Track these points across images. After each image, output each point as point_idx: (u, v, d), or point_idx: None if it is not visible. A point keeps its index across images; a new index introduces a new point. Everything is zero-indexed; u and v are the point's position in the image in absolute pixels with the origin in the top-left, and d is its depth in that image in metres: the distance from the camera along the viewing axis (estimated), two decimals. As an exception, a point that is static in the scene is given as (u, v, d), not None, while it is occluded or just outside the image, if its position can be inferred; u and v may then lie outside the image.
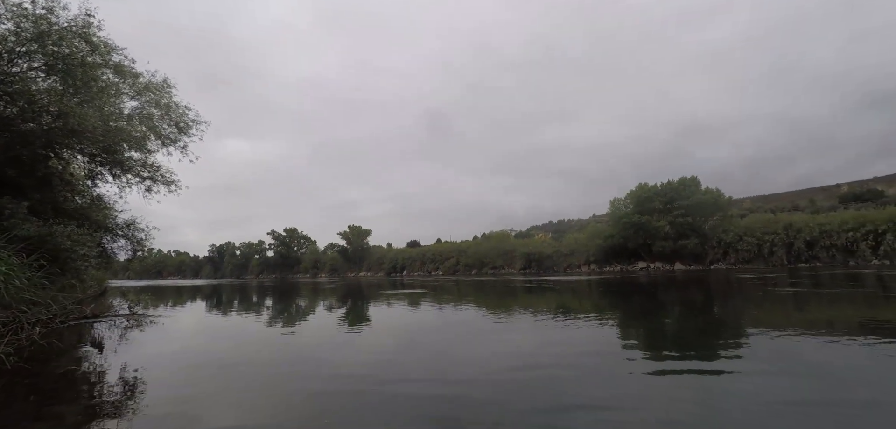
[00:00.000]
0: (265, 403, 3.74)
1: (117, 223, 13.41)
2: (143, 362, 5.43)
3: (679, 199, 48.66)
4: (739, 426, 2.97)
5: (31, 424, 3.26)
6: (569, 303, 12.70)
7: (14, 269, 5.14)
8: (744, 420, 3.08)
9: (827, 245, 41.68)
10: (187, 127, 12.69)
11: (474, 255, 66.73)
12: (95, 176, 13.47)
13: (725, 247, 47.85)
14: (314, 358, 5.69)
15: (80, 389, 4.36)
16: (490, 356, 5.43)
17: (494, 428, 2.97)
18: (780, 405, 3.35)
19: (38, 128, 10.10)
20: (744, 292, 14.41)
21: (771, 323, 7.48)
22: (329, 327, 8.99)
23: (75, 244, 8.42)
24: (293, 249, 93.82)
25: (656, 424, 3.04)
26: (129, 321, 9.67)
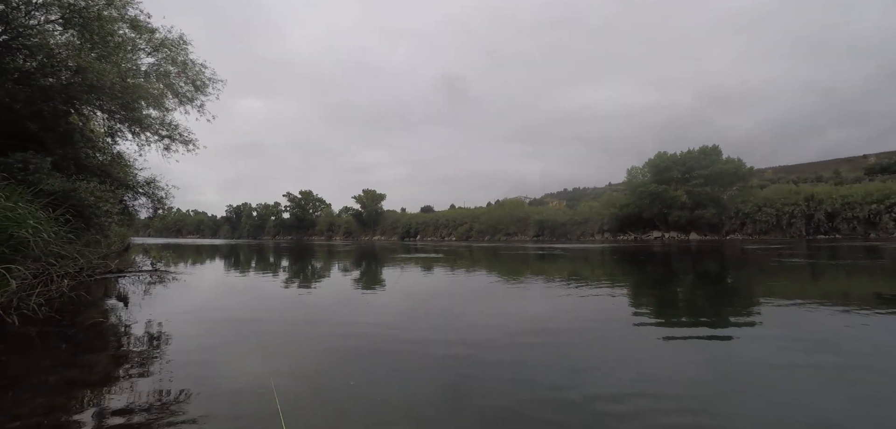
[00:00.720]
0: (284, 358, 3.86)
1: (138, 181, 13.65)
2: (166, 317, 5.62)
3: (698, 168, 47.53)
4: (746, 388, 2.97)
5: (64, 370, 3.41)
6: (581, 270, 12.68)
7: (42, 222, 5.29)
8: (751, 383, 3.09)
9: (848, 217, 40.47)
10: (204, 85, 12.66)
11: (487, 221, 66.75)
12: (115, 133, 13.65)
13: (743, 217, 46.90)
14: (330, 316, 5.81)
15: (108, 339, 4.54)
16: (501, 320, 5.48)
17: (505, 387, 3.01)
18: (787, 370, 3.34)
19: (57, 83, 10.20)
20: (759, 263, 14.19)
21: (784, 293, 7.37)
22: (344, 288, 9.16)
23: (99, 200, 8.61)
24: (308, 212, 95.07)
25: (665, 384, 3.05)
26: (152, 277, 10.00)
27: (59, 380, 3.20)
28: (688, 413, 2.66)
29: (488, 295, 7.83)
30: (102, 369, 3.49)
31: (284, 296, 8.02)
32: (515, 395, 2.91)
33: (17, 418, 2.53)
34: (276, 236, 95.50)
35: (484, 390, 3.00)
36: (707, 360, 3.77)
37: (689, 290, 8.60)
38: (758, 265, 13.59)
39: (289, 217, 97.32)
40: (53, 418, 2.56)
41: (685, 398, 2.91)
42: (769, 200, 45.73)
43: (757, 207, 45.92)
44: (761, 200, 46.12)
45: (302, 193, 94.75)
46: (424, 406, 2.75)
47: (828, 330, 4.65)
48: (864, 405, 2.77)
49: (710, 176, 46.86)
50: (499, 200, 75.18)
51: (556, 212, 63.23)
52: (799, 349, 3.93)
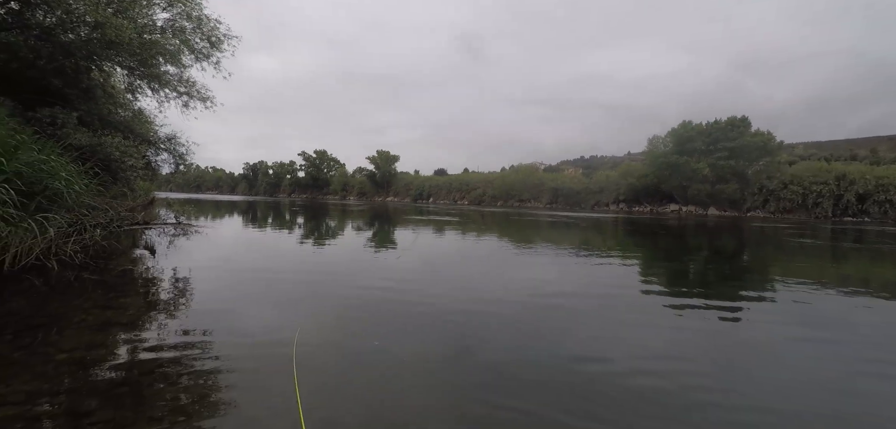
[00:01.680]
0: (301, 308, 4.10)
1: (159, 137, 13.98)
2: (190, 266, 5.93)
3: (724, 140, 46.00)
4: (744, 363, 3.06)
5: (101, 311, 3.71)
6: (592, 240, 12.72)
7: (73, 175, 5.57)
8: (748, 364, 3.16)
9: (880, 200, 38.84)
10: (219, 41, 12.66)
11: (501, 186, 66.45)
12: (135, 89, 13.87)
13: (767, 194, 45.55)
14: (345, 273, 6.05)
15: (139, 285, 4.85)
16: (510, 285, 5.63)
17: (511, 348, 3.17)
18: (787, 354, 3.40)
19: (77, 39, 10.37)
20: (777, 242, 13.98)
21: (800, 275, 7.31)
22: (358, 247, 9.42)
23: (124, 155, 8.94)
24: (323, 171, 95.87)
25: (663, 354, 3.17)
26: (176, 229, 10.43)
27: (97, 320, 3.48)
28: (684, 383, 2.79)
29: (499, 260, 7.98)
30: (135, 312, 3.78)
31: (301, 252, 8.31)
32: (520, 355, 3.08)
33: (63, 351, 2.80)
34: (292, 194, 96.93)
35: (490, 349, 3.17)
36: (709, 334, 3.87)
37: (702, 265, 8.60)
38: (777, 244, 13.41)
39: (304, 176, 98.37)
40: (95, 352, 2.82)
41: (682, 372, 3.03)
42: (797, 177, 44.13)
43: (783, 183, 44.45)
44: (788, 177, 44.56)
45: (316, 153, 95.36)
46: (433, 362, 2.93)
47: (837, 318, 4.65)
48: (870, 390, 2.86)
49: (736, 149, 45.38)
50: (513, 166, 74.51)
51: (572, 180, 62.53)
52: (800, 335, 3.98)
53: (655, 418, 2.27)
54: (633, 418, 2.26)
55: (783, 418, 2.31)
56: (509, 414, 2.23)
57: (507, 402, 2.35)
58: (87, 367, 2.61)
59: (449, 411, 2.26)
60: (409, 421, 2.16)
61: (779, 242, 13.91)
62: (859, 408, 2.47)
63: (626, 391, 2.57)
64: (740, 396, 2.58)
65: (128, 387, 2.38)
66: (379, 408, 2.28)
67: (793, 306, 4.91)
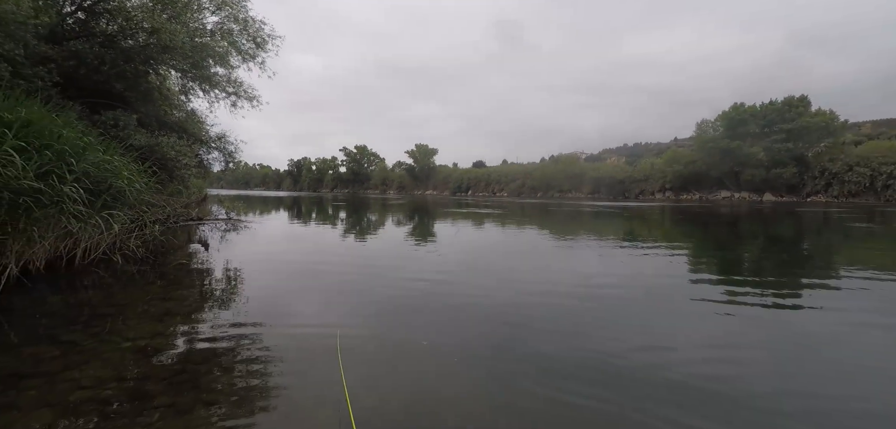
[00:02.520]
0: (344, 300, 4.17)
1: (210, 136, 14.72)
2: (241, 260, 6.20)
3: (781, 122, 42.99)
4: (802, 358, 2.79)
5: (161, 302, 3.93)
6: (638, 230, 12.20)
7: (134, 174, 5.95)
8: (807, 353, 2.90)
9: (961, 180, 35.05)
10: (264, 42, 13.14)
11: (541, 177, 65.30)
12: (188, 91, 14.68)
13: (830, 177, 42.11)
14: (386, 266, 6.12)
15: (194, 278, 5.11)
16: (554, 276, 5.49)
17: (555, 340, 3.06)
18: (850, 343, 3.09)
19: (136, 44, 11.09)
20: (841, 228, 12.84)
21: (870, 263, 6.65)
22: (398, 241, 9.51)
23: (179, 154, 9.47)
24: (363, 166, 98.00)
25: (706, 361, 2.93)
26: (227, 225, 10.97)
27: (157, 310, 3.69)
28: (741, 373, 2.59)
29: (541, 252, 7.81)
30: (191, 303, 3.98)
31: (344, 246, 8.50)
32: (566, 347, 2.97)
33: (128, 339, 2.98)
34: (334, 190, 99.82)
35: (536, 341, 3.08)
36: (765, 324, 3.62)
37: (756, 253, 8.04)
38: (841, 231, 12.33)
39: (345, 171, 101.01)
40: (156, 341, 2.98)
41: (738, 362, 2.82)
42: (863, 157, 40.49)
43: (847, 165, 40.94)
44: (854, 159, 40.98)
45: (357, 148, 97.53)
46: (478, 354, 2.88)
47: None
48: (952, 382, 2.55)
49: (794, 131, 42.29)
50: (553, 156, 73.03)
51: (614, 169, 60.46)
52: (876, 332, 3.61)
53: (714, 407, 2.12)
54: (690, 409, 2.12)
55: (846, 406, 2.11)
56: (557, 408, 2.14)
57: (554, 395, 2.26)
58: (150, 354, 2.76)
59: (495, 403, 2.21)
60: (455, 411, 2.12)
61: (843, 228, 12.77)
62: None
63: (680, 383, 2.42)
64: (799, 385, 2.41)
65: (187, 374, 2.49)
66: (424, 398, 2.26)
67: (857, 294, 4.52)
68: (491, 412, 2.14)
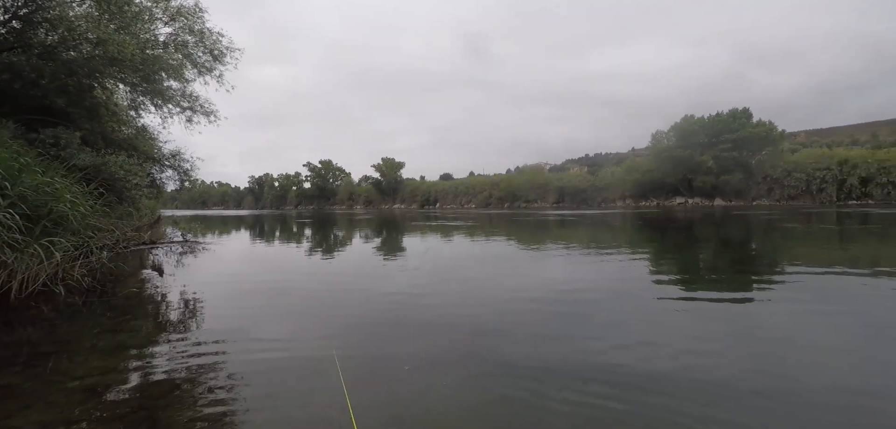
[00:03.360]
0: (311, 324, 3.99)
1: (163, 154, 13.98)
2: (199, 285, 5.85)
3: (727, 132, 45.92)
4: (768, 357, 2.94)
5: (112, 335, 3.62)
6: (601, 237, 12.57)
7: (78, 196, 5.51)
8: (772, 351, 3.07)
9: (883, 182, 38.70)
10: (221, 54, 12.66)
11: (507, 188, 66.39)
12: (138, 106, 13.90)
13: (771, 183, 45.40)
14: (353, 285, 5.95)
15: (147, 307, 4.76)
16: (520, 286, 5.51)
17: (522, 352, 3.05)
18: (810, 337, 3.31)
19: (79, 56, 10.37)
20: (785, 229, 13.81)
21: (811, 259, 7.26)
22: (366, 257, 9.32)
23: (128, 173, 8.90)
24: (329, 181, 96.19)
25: (683, 352, 3.03)
26: (183, 248, 10.37)
27: (108, 344, 3.39)
28: (704, 370, 2.66)
29: (507, 263, 7.87)
30: (146, 334, 3.69)
31: (310, 265, 8.23)
32: (539, 352, 2.96)
33: (75, 379, 2.71)
34: (298, 206, 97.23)
35: (507, 347, 3.06)
36: (726, 318, 3.85)
37: (712, 256, 8.46)
38: (784, 231, 13.23)
39: (310, 187, 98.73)
40: (108, 378, 2.73)
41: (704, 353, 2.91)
42: (799, 164, 44.02)
43: (786, 172, 44.33)
44: (791, 165, 44.45)
45: (322, 163, 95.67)
46: (452, 365, 2.82)
47: (854, 299, 4.52)
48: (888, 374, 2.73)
49: (739, 140, 45.26)
50: (519, 167, 74.50)
51: (577, 178, 62.37)
52: (820, 319, 3.87)
53: (689, 395, 2.25)
54: (668, 398, 2.23)
55: (804, 383, 2.30)
56: (531, 412, 2.11)
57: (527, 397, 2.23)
58: (101, 393, 2.51)
59: (473, 411, 2.15)
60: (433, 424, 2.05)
61: (783, 229, 13.75)
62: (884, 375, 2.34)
63: (655, 375, 2.55)
64: (764, 371, 2.61)
65: (145, 411, 2.28)
66: (402, 415, 2.17)
67: (798, 287, 4.94)
68: (468, 421, 2.08)
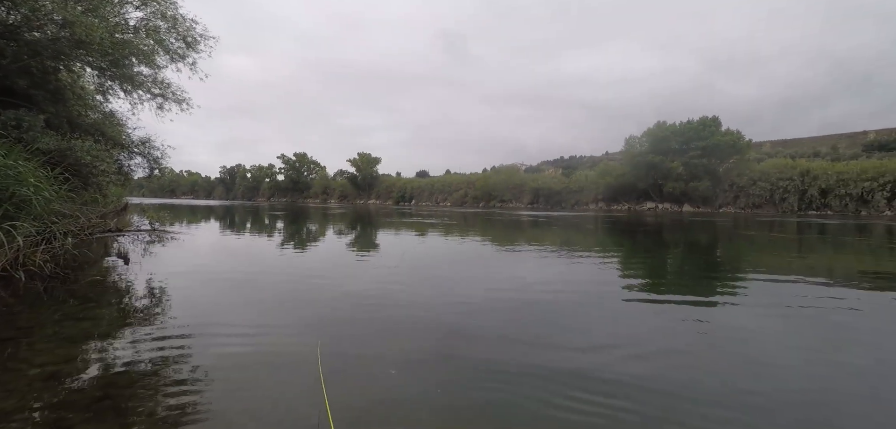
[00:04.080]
0: (280, 316, 4.04)
1: (132, 140, 13.54)
2: (165, 274, 5.78)
3: (697, 139, 47.52)
4: (730, 357, 3.17)
5: (75, 323, 3.58)
6: (573, 239, 12.93)
7: (41, 181, 5.35)
8: (728, 344, 3.31)
9: (841, 194, 40.98)
10: (195, 42, 12.37)
11: (483, 188, 66.81)
12: (106, 91, 13.43)
13: (737, 191, 47.34)
14: (325, 278, 5.99)
15: (112, 295, 4.69)
16: (492, 285, 5.68)
17: (493, 351, 3.21)
18: (769, 339, 3.56)
19: (44, 37, 9.95)
20: (748, 236, 14.51)
21: (771, 267, 7.67)
22: (339, 251, 9.33)
23: (95, 159, 8.62)
24: (303, 174, 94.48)
25: (641, 340, 3.25)
26: (150, 236, 10.12)
27: (70, 332, 3.36)
28: (664, 367, 2.88)
29: (480, 262, 8.04)
30: (110, 322, 3.66)
31: (280, 258, 8.19)
32: (509, 350, 3.12)
33: (35, 366, 2.70)
34: (271, 198, 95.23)
35: (478, 347, 3.20)
36: (691, 324, 4.02)
37: (679, 260, 8.86)
38: (748, 239, 13.91)
39: (283, 179, 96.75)
40: (71, 366, 2.73)
41: (662, 353, 3.13)
42: (764, 173, 46.00)
43: (751, 180, 46.26)
44: (757, 174, 46.40)
45: (296, 156, 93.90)
46: (421, 362, 2.94)
47: (808, 305, 4.87)
48: (840, 373, 3.00)
49: (708, 148, 46.91)
50: (494, 167, 75.05)
51: (552, 180, 63.32)
52: (779, 323, 4.16)
53: (645, 401, 2.35)
54: (624, 401, 2.33)
55: (769, 383, 2.44)
56: (497, 409, 2.26)
57: (495, 396, 2.38)
58: (63, 380, 2.52)
59: (439, 409, 2.28)
60: (401, 421, 2.17)
61: (749, 236, 14.44)
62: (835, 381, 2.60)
63: (613, 377, 2.65)
64: (725, 374, 2.73)
65: (109, 400, 2.31)
66: (373, 411, 2.28)
67: (761, 292, 5.20)
68: (435, 418, 2.21)
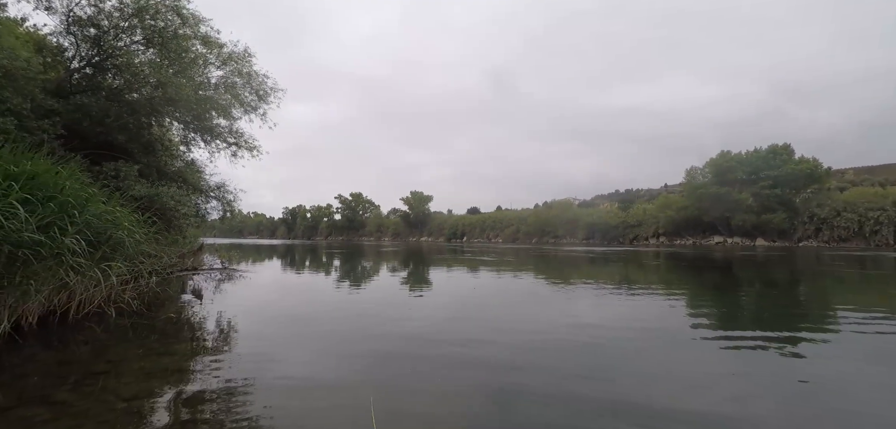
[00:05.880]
0: (336, 353, 4.11)
1: (209, 185, 14.81)
2: (234, 311, 6.12)
3: (766, 169, 44.17)
4: (817, 419, 2.76)
5: (157, 358, 3.86)
6: (634, 275, 12.23)
7: (134, 225, 5.97)
8: (823, 412, 2.87)
9: (949, 224, 35.92)
10: (266, 95, 13.54)
11: (535, 223, 65.76)
12: (189, 142, 14.92)
13: (819, 223, 42.89)
14: (379, 316, 6.05)
15: (187, 331, 5.03)
16: (545, 328, 5.43)
17: (550, 399, 3.03)
18: (867, 398, 3.07)
19: (141, 98, 11.36)
20: (837, 272, 12.96)
21: (868, 307, 6.75)
22: (393, 289, 9.45)
23: (178, 204, 9.53)
24: (358, 213, 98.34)
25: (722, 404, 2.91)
26: (221, 274, 10.87)
27: (153, 366, 3.62)
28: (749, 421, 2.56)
29: (534, 300, 7.78)
30: (187, 357, 3.91)
31: (336, 295, 8.42)
32: (562, 405, 2.93)
33: (123, 400, 2.91)
34: (329, 237, 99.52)
35: (532, 400, 3.04)
36: (768, 372, 3.59)
37: (754, 299, 8.06)
38: (836, 275, 12.45)
39: (340, 218, 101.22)
40: (153, 400, 2.91)
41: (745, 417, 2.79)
42: (850, 203, 41.48)
43: (835, 211, 41.83)
44: (841, 204, 41.94)
45: (352, 195, 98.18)
46: (470, 414, 2.84)
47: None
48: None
49: (781, 177, 43.37)
50: (547, 202, 73.83)
51: (608, 214, 61.07)
52: (879, 375, 3.61)
53: None
54: None
55: None
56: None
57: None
58: (146, 415, 2.69)
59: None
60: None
61: (836, 272, 12.90)
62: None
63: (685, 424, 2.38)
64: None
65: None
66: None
67: (860, 340, 4.59)
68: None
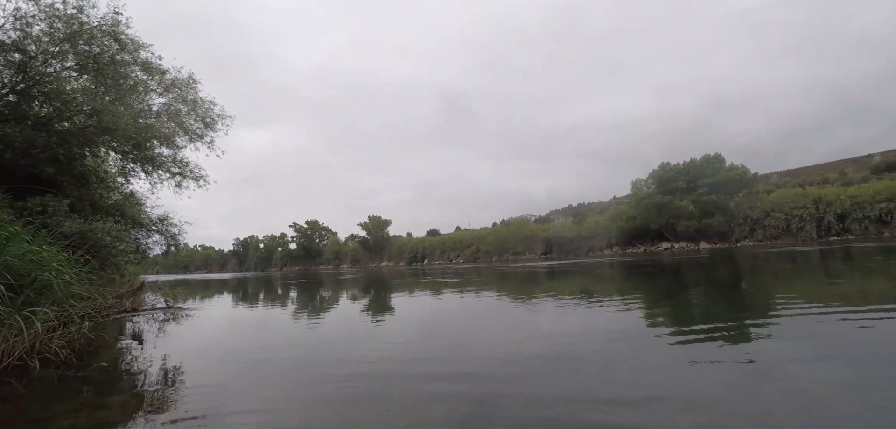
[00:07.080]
0: (293, 393, 3.84)
1: (151, 219, 13.88)
2: (179, 354, 5.67)
3: (702, 177, 47.48)
4: (776, 407, 2.93)
5: (91, 412, 3.47)
6: (591, 286, 12.62)
7: (63, 264, 5.43)
8: (779, 399, 3.05)
9: (859, 217, 40.13)
10: (213, 122, 12.99)
11: (494, 242, 66.62)
12: (128, 173, 13.96)
13: (752, 224, 46.57)
14: (338, 348, 5.82)
15: (126, 380, 4.59)
16: (512, 342, 5.46)
17: (519, 410, 3.01)
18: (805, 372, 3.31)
19: (73, 127, 10.51)
20: (772, 268, 14.07)
21: (802, 298, 7.35)
22: (353, 318, 9.17)
23: (115, 240, 8.81)
24: (315, 241, 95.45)
25: (684, 394, 3.03)
26: (165, 314, 10.09)
27: (88, 422, 3.25)
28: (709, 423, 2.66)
29: (497, 317, 7.82)
30: (124, 410, 3.54)
31: (292, 329, 8.05)
32: (529, 416, 2.92)
33: (49, 461, 2.58)
34: (284, 267, 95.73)
35: (498, 415, 3.01)
36: (729, 379, 3.75)
37: (704, 300, 8.53)
38: (772, 270, 13.47)
39: (296, 247, 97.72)
40: (85, 459, 2.61)
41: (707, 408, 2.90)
42: (777, 204, 45.42)
43: (765, 212, 45.59)
44: (769, 205, 45.82)
45: (308, 223, 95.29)
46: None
47: (848, 338, 4.59)
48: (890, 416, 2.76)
49: (715, 184, 46.74)
50: (504, 220, 75.16)
51: (563, 228, 63.00)
52: (820, 364, 3.88)
53: None
54: None
55: None
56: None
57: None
58: (76, 476, 2.40)
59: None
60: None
61: (771, 268, 14.01)
62: None
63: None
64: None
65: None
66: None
67: (800, 330, 4.92)
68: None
